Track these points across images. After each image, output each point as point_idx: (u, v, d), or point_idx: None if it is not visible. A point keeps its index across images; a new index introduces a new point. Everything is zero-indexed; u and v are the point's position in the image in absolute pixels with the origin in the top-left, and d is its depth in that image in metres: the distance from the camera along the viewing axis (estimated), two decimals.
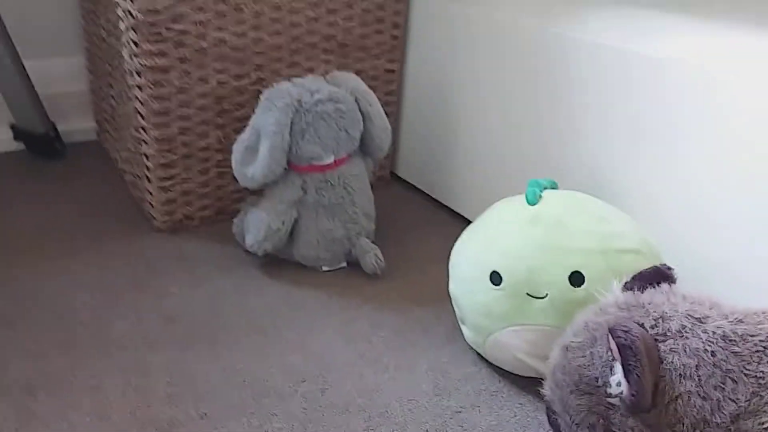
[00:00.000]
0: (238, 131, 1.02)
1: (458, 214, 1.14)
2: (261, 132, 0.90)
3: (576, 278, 0.71)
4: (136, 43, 0.94)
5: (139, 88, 0.97)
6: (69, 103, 1.36)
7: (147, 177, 1.03)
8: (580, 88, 0.87)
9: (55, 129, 1.28)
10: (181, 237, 1.05)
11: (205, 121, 1.02)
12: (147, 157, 1.01)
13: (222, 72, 1.00)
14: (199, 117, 1.01)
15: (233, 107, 1.03)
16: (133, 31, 0.94)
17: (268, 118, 0.89)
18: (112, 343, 0.80)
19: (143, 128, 1.00)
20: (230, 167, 0.95)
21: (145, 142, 1.00)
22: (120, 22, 0.97)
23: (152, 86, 0.96)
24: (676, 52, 0.77)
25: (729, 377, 0.52)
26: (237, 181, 0.96)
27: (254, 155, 0.91)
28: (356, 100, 0.94)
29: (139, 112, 0.99)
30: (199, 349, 0.80)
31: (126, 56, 0.98)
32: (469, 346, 0.83)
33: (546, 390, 0.63)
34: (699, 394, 0.52)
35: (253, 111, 0.93)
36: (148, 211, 1.07)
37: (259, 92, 0.94)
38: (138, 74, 0.96)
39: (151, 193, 1.04)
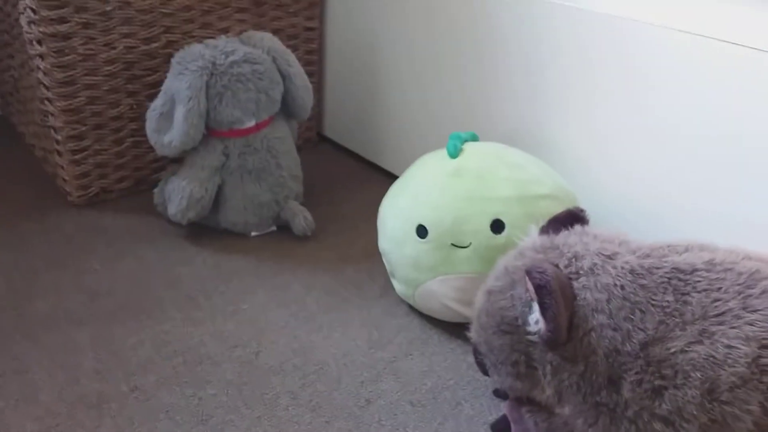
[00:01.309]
0: (151, 98, 0.98)
1: (387, 171, 1.15)
2: (175, 97, 0.87)
3: (497, 225, 0.73)
4: (34, 10, 0.88)
5: (41, 57, 0.92)
6: None
7: (57, 151, 0.98)
8: (502, 42, 0.88)
9: None
10: (99, 211, 1.01)
11: (115, 89, 0.97)
12: (55, 129, 0.96)
13: (129, 36, 0.96)
14: (107, 85, 0.97)
15: (144, 73, 0.99)
16: None
17: (181, 83, 0.86)
18: (34, 324, 0.78)
19: (49, 99, 0.95)
20: (146, 136, 0.92)
21: (52, 115, 0.95)
22: None
23: (55, 55, 0.91)
24: (598, 5, 0.79)
25: (637, 308, 0.55)
26: (154, 150, 0.93)
27: (170, 122, 0.88)
28: (274, 60, 0.92)
29: (42, 83, 0.94)
30: (126, 323, 0.79)
31: (24, 24, 0.92)
32: (401, 298, 0.84)
33: (472, 333, 0.65)
34: (610, 326, 0.55)
35: (166, 76, 0.90)
36: (61, 186, 1.02)
37: (171, 56, 0.91)
38: (39, 43, 0.91)
39: (63, 168, 0.99)
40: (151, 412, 0.67)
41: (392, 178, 1.12)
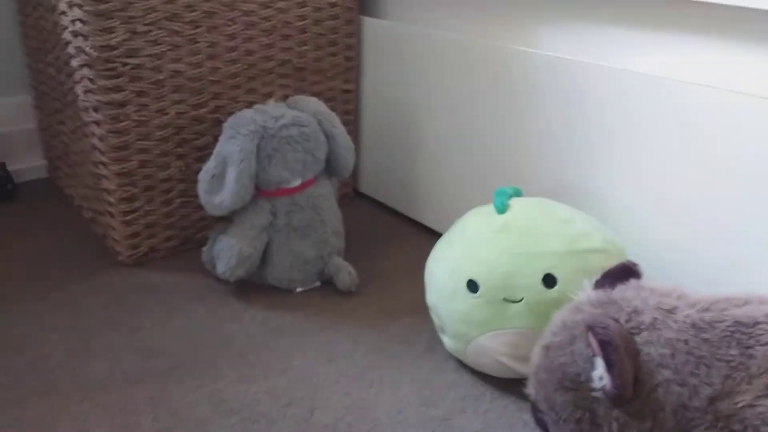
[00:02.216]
0: (199, 160, 1.02)
1: (423, 225, 1.17)
2: (227, 160, 0.91)
3: (549, 280, 0.74)
4: (91, 80, 0.93)
5: (97, 123, 0.96)
6: (17, 142, 1.32)
7: (109, 212, 1.02)
8: (541, 97, 0.91)
9: (5, 169, 1.24)
10: (148, 269, 1.03)
11: (165, 153, 1.01)
12: (108, 192, 1.00)
13: (180, 102, 1.00)
14: (158, 149, 1.00)
15: (193, 136, 1.03)
16: (87, 68, 0.93)
17: (233, 146, 0.89)
18: (91, 384, 0.79)
19: (102, 163, 0.99)
20: (193, 196, 0.95)
21: (106, 177, 0.99)
22: (72, 59, 0.96)
23: (110, 121, 0.96)
24: (635, 65, 0.82)
25: (702, 363, 0.55)
26: (202, 210, 0.96)
27: (221, 183, 0.91)
28: (319, 123, 0.96)
29: (97, 148, 0.98)
30: (182, 381, 0.80)
31: (81, 93, 0.97)
32: (449, 354, 0.85)
33: (530, 390, 0.65)
34: (676, 381, 0.55)
35: (214, 139, 0.94)
36: (111, 246, 1.05)
37: (219, 120, 0.95)
38: (95, 110, 0.95)
39: (114, 228, 1.02)
40: None
41: (429, 232, 1.14)
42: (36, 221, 1.17)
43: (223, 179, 0.91)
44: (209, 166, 0.92)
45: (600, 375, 0.57)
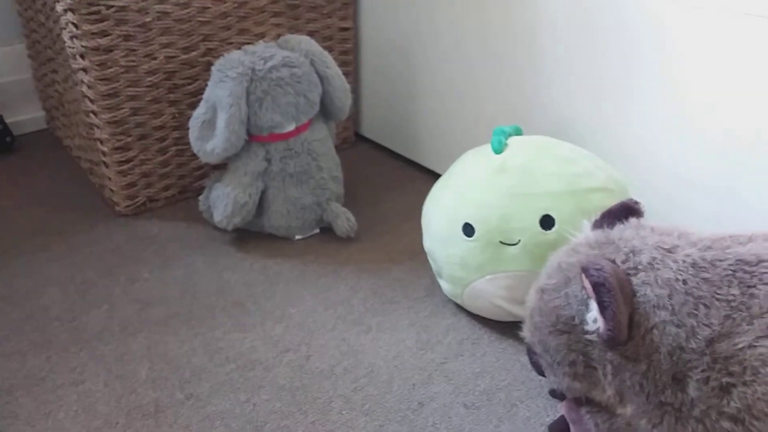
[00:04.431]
0: (192, 106, 0.99)
1: (426, 168, 1.14)
2: (216, 105, 0.88)
3: (546, 221, 0.71)
4: (75, 25, 0.90)
5: (84, 71, 0.93)
6: (14, 93, 1.30)
7: (104, 162, 1.00)
8: (542, 30, 0.86)
9: (2, 121, 1.23)
10: (146, 220, 1.02)
11: (157, 99, 0.99)
12: (101, 141, 0.98)
13: (169, 46, 0.97)
14: (150, 95, 0.98)
15: (184, 82, 1.00)
16: (71, 12, 0.89)
17: (222, 90, 0.86)
18: (88, 335, 0.79)
19: (93, 112, 0.96)
20: (189, 144, 0.93)
21: (98, 127, 0.97)
22: (57, 4, 0.93)
23: (98, 68, 0.93)
24: None
25: (701, 303, 0.53)
26: (198, 158, 0.93)
27: (212, 129, 0.89)
28: (312, 63, 0.92)
29: (87, 96, 0.96)
30: (179, 330, 0.80)
31: (67, 39, 0.94)
32: (448, 298, 0.83)
33: (525, 333, 0.63)
34: (673, 323, 0.53)
35: (206, 84, 0.91)
36: (109, 197, 1.04)
37: (210, 64, 0.92)
38: (81, 57, 0.92)
39: (110, 179, 1.01)
40: (207, 420, 0.67)
41: (432, 175, 1.11)
42: (35, 173, 1.16)
43: (213, 125, 0.89)
44: (199, 112, 0.89)
45: (594, 317, 0.55)
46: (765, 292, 0.52)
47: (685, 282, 0.54)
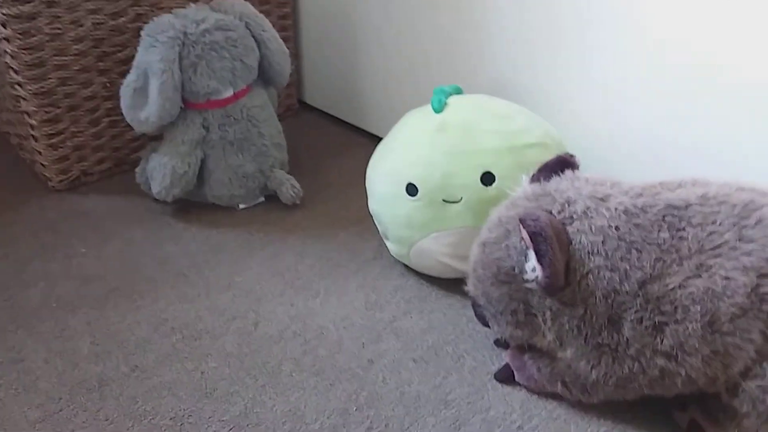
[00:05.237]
0: (123, 75, 0.95)
1: (371, 134, 1.13)
2: (148, 71, 0.85)
3: (487, 178, 0.72)
4: None
5: (7, 40, 0.89)
6: None
7: (33, 136, 0.96)
8: None
9: None
10: (81, 194, 0.99)
11: (86, 68, 0.95)
12: (28, 114, 0.94)
13: (96, 12, 0.92)
14: (77, 64, 0.94)
15: (114, 49, 0.96)
16: None
17: (152, 55, 0.83)
18: (27, 313, 0.76)
19: (19, 84, 0.92)
20: (122, 115, 0.90)
21: (24, 99, 0.93)
22: None
23: (20, 36, 0.88)
24: None
25: (633, 248, 0.55)
26: (132, 129, 0.90)
27: (145, 97, 0.86)
28: (247, 26, 0.90)
29: (11, 67, 0.91)
30: (120, 304, 0.78)
31: None
32: (395, 259, 0.84)
33: (469, 286, 0.65)
34: (607, 267, 0.55)
35: (137, 51, 0.87)
36: (40, 172, 1.00)
37: (140, 29, 0.88)
38: (3, 25, 0.88)
39: (40, 153, 0.97)
40: (154, 390, 0.67)
41: (377, 140, 1.10)
42: None
43: (146, 93, 0.86)
44: (130, 80, 0.86)
45: (532, 266, 0.56)
46: (693, 234, 0.54)
47: (617, 228, 0.56)
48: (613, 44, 0.75)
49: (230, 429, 0.63)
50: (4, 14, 0.86)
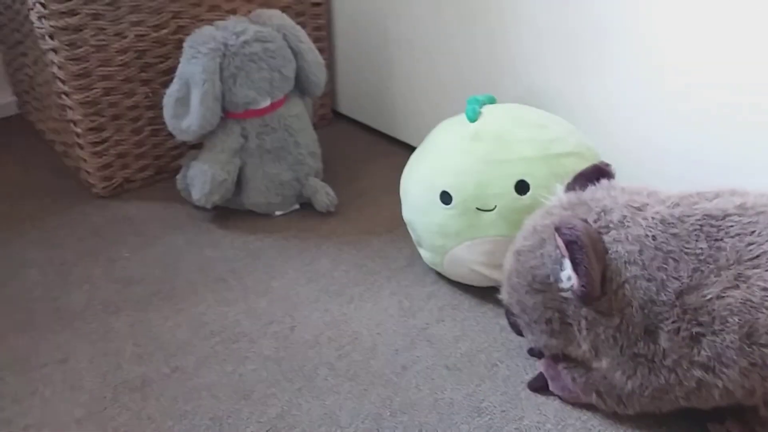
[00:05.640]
0: (165, 85, 0.98)
1: (403, 142, 1.14)
2: (190, 82, 0.87)
3: (521, 187, 0.72)
4: (43, 4, 0.89)
5: (55, 51, 0.92)
6: None
7: (78, 144, 0.99)
8: (511, 5, 0.87)
9: None
10: (123, 201, 1.02)
11: (129, 78, 0.98)
12: (74, 123, 0.97)
13: (138, 24, 0.96)
14: (121, 74, 0.97)
15: (156, 60, 0.99)
16: None
17: (195, 66, 0.86)
18: (71, 315, 0.79)
19: (65, 93, 0.95)
20: (164, 123, 0.92)
21: (70, 108, 0.96)
22: None
23: (67, 48, 0.92)
24: None
25: (670, 257, 0.55)
26: (174, 137, 0.93)
27: (186, 107, 0.88)
28: (284, 38, 0.92)
29: (58, 77, 0.95)
30: (162, 307, 0.80)
31: (35, 20, 0.92)
32: (428, 266, 0.85)
33: (503, 295, 0.65)
34: (644, 277, 0.55)
35: (178, 62, 0.90)
36: (85, 179, 1.03)
37: (182, 41, 0.91)
38: (51, 37, 0.91)
39: (85, 160, 1.00)
40: (194, 391, 0.68)
41: (410, 149, 1.12)
42: (9, 159, 1.15)
43: (187, 102, 0.88)
44: (172, 90, 0.89)
45: (568, 275, 0.57)
46: (731, 245, 0.54)
47: (654, 238, 0.56)
48: (646, 58, 0.75)
49: (267, 431, 0.64)
50: (51, 26, 0.90)
